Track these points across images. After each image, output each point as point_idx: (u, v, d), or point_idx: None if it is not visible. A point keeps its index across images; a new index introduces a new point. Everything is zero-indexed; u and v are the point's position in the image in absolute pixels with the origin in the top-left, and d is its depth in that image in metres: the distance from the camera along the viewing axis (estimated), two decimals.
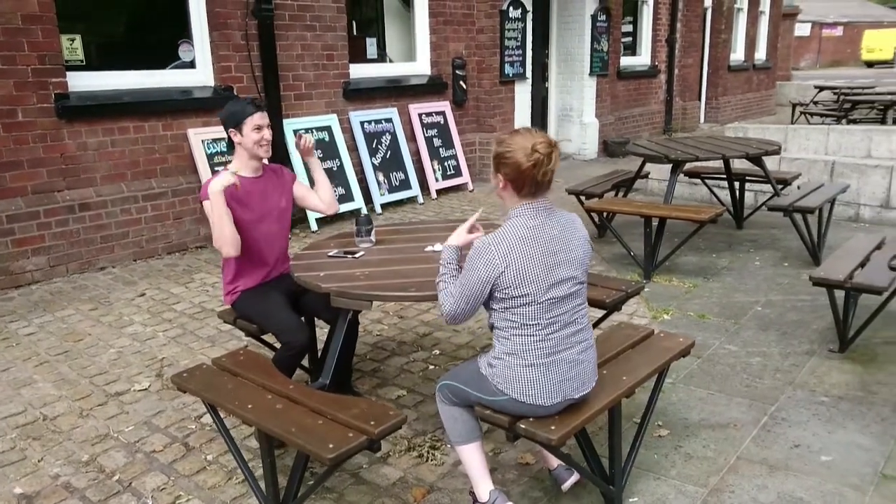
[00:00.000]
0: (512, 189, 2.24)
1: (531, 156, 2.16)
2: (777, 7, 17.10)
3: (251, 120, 3.04)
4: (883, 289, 3.30)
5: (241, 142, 3.09)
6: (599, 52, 10.53)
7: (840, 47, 40.96)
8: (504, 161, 2.22)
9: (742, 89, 15.89)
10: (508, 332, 2.22)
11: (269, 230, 3.20)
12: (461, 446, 2.46)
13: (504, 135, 2.28)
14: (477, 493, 2.45)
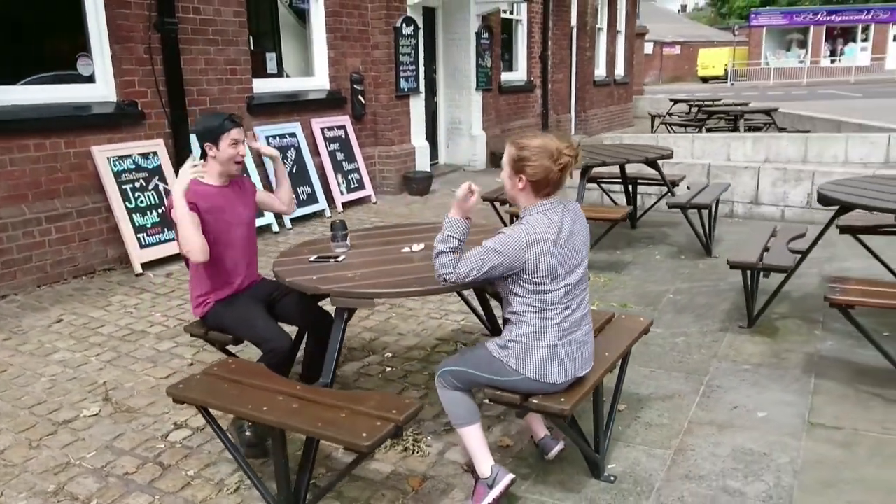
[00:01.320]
0: (531, 189, 2.44)
1: (559, 160, 2.39)
2: (631, 27, 18.59)
3: (229, 135, 3.04)
4: (789, 267, 3.83)
5: (216, 156, 3.09)
6: (484, 68, 11.03)
7: (679, 64, 44.85)
8: (529, 164, 2.40)
9: (605, 103, 17.10)
10: (528, 316, 2.42)
11: (238, 239, 3.21)
12: (464, 428, 2.62)
13: (521, 139, 2.46)
14: (479, 470, 2.62)
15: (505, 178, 2.54)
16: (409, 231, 3.54)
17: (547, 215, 2.42)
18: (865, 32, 39.01)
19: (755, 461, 2.90)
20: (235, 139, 3.05)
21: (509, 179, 2.51)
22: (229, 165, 3.10)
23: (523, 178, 2.44)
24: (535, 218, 2.43)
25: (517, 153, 2.45)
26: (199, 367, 4.09)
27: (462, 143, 11.08)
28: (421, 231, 3.50)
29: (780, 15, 40.85)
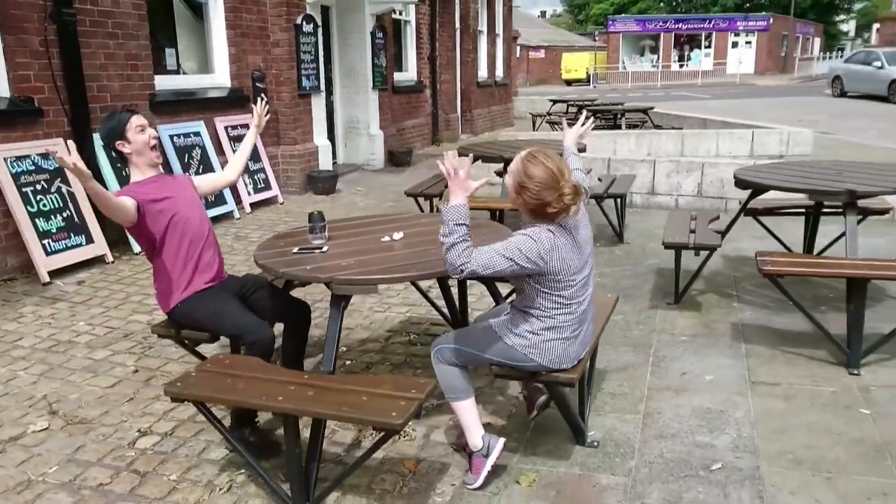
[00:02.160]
0: (531, 216, 2.50)
1: (558, 202, 2.40)
2: (508, 30, 19.26)
3: (131, 124, 3.04)
4: (717, 245, 4.23)
5: (132, 150, 3.06)
6: (380, 68, 11.08)
7: (544, 68, 46.78)
8: (529, 195, 2.42)
9: (488, 103, 17.62)
10: (552, 311, 2.55)
11: (197, 228, 3.14)
12: (459, 402, 2.73)
13: (529, 162, 2.44)
14: (472, 443, 2.74)
15: (510, 191, 2.53)
16: (377, 223, 3.59)
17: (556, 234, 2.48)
18: (708, 40, 42.57)
19: (715, 418, 3.21)
20: (140, 125, 3.06)
21: (514, 196, 2.50)
22: (147, 153, 3.08)
23: (522, 200, 2.48)
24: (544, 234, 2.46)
25: (521, 180, 2.44)
26: (144, 373, 3.91)
27: (360, 143, 11.07)
28: (389, 222, 3.55)
29: (635, 22, 43.76)
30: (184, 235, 3.10)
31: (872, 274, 3.40)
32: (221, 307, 3.04)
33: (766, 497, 2.62)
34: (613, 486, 2.74)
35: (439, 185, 6.60)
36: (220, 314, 3.03)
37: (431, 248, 2.99)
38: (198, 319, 3.08)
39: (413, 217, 3.62)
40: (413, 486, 2.79)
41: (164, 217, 3.03)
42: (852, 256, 3.69)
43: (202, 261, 3.14)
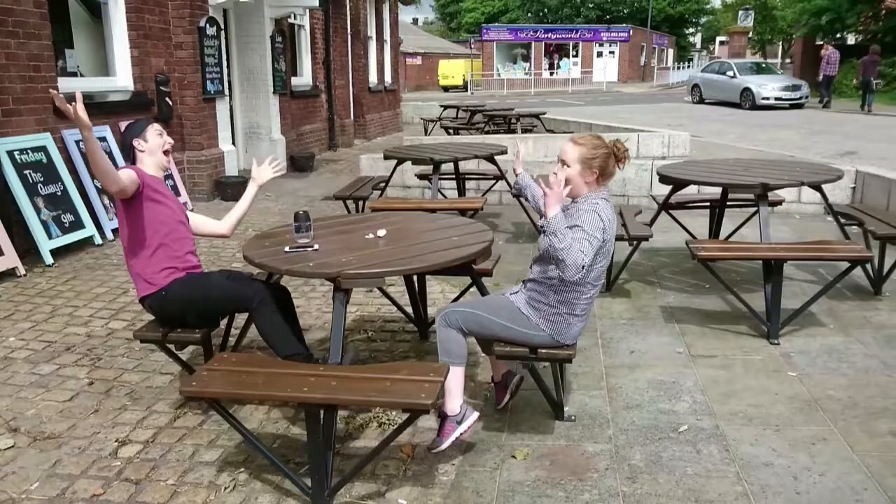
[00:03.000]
0: (599, 181, 2.88)
1: (619, 156, 2.87)
2: (395, 37, 19.50)
3: (153, 127, 3.30)
4: (649, 236, 4.66)
5: (145, 149, 3.25)
6: (279, 72, 10.97)
7: (421, 74, 47.41)
8: (598, 161, 2.83)
9: (378, 108, 17.76)
10: (576, 288, 2.81)
11: (182, 231, 3.35)
12: (453, 366, 2.91)
13: (585, 140, 2.88)
14: (450, 408, 2.94)
15: (574, 175, 2.84)
16: (352, 222, 3.69)
17: (608, 201, 2.87)
18: (576, 49, 44.89)
19: (669, 388, 3.58)
20: (159, 130, 3.32)
21: (582, 174, 2.84)
22: (160, 155, 3.30)
23: (595, 172, 2.85)
24: (604, 201, 2.86)
25: (589, 152, 2.83)
26: (101, 384, 3.79)
27: (262, 148, 10.89)
28: (360, 221, 3.67)
29: (507, 31, 45.39)
30: (173, 232, 3.25)
31: (789, 255, 3.92)
32: (212, 281, 3.22)
33: (731, 449, 2.99)
34: (599, 452, 3.02)
35: (364, 188, 6.71)
36: (213, 287, 3.19)
37: (416, 243, 3.15)
38: (189, 298, 3.17)
39: (382, 216, 3.75)
40: (416, 469, 2.93)
41: (160, 208, 3.21)
42: (766, 242, 4.21)
43: (190, 255, 3.35)
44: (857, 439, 3.05)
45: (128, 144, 3.31)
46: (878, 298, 4.73)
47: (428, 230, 3.37)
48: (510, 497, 2.74)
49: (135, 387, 3.76)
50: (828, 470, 2.83)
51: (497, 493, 2.76)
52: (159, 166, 3.35)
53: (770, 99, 21.26)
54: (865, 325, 4.31)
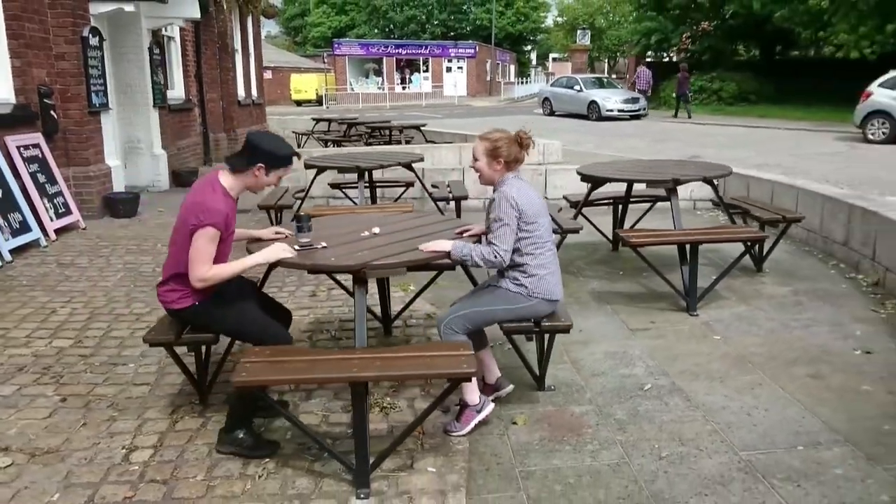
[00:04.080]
0: (505, 168, 3.22)
1: (522, 143, 3.22)
2: (259, 50, 19.25)
3: (285, 170, 3.12)
4: (580, 228, 5.21)
5: (257, 178, 3.06)
6: (158, 85, 10.62)
7: (272, 88, 46.35)
8: (502, 150, 3.19)
9: (248, 123, 17.45)
10: (536, 251, 3.18)
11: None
12: None
13: (488, 135, 3.25)
14: (469, 398, 3.24)
15: (482, 167, 3.25)
16: (344, 222, 3.89)
17: (517, 178, 3.25)
18: (426, 64, 46.11)
19: (623, 357, 4.11)
20: (282, 176, 3.15)
21: (488, 165, 3.24)
22: (256, 189, 3.17)
23: (500, 161, 3.21)
24: (511, 181, 3.22)
25: (488, 145, 3.22)
26: (76, 399, 3.70)
27: (143, 163, 10.48)
28: (352, 221, 3.88)
29: (359, 46, 45.71)
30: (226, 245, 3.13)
31: (704, 239, 4.61)
32: (249, 315, 3.15)
33: (692, 399, 3.55)
34: (586, 412, 3.46)
35: (287, 197, 6.80)
36: (248, 321, 3.13)
37: (413, 237, 3.42)
38: (223, 316, 3.14)
39: (364, 212, 3.98)
40: (432, 443, 3.21)
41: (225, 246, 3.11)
42: (680, 229, 4.89)
43: None
44: (783, 383, 3.71)
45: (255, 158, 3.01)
46: (762, 274, 5.59)
47: (414, 227, 3.66)
48: (525, 455, 3.10)
49: (114, 399, 3.71)
50: (770, 406, 3.45)
51: (513, 453, 3.11)
52: (242, 191, 3.16)
53: (614, 111, 23.25)
54: (758, 296, 5.12)
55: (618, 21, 59.02)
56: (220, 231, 2.97)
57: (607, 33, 57.44)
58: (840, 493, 2.76)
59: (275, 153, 3.02)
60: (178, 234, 3.07)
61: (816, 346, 4.19)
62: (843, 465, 2.95)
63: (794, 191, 6.60)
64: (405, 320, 4.72)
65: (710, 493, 2.78)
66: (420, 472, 2.98)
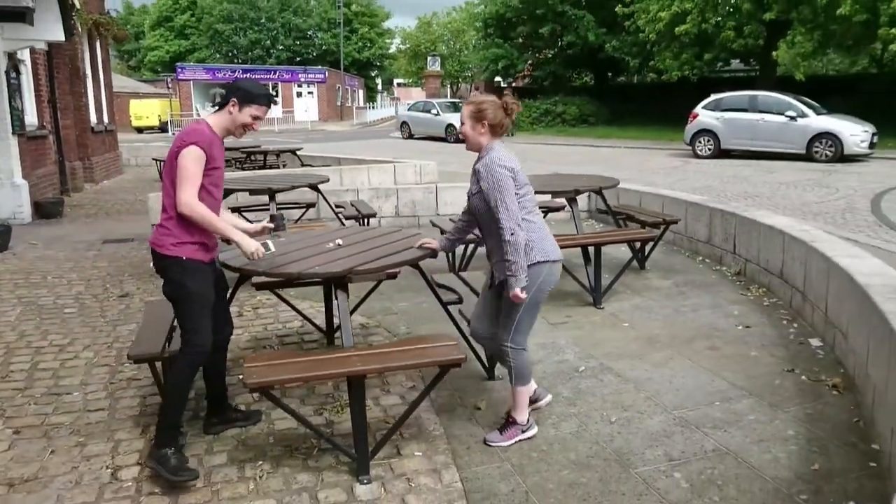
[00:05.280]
0: (490, 133, 3.18)
1: (508, 109, 3.16)
2: (108, 75, 18.31)
3: (258, 108, 3.12)
4: None
5: (232, 114, 3.10)
6: (17, 111, 9.98)
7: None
8: (487, 113, 3.13)
9: (101, 151, 16.55)
10: (530, 217, 3.17)
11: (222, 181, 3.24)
12: (526, 386, 3.37)
13: (475, 98, 3.25)
14: (520, 418, 3.37)
15: (467, 130, 3.19)
16: (309, 237, 4.08)
17: (502, 145, 3.23)
18: (276, 89, 45.48)
19: (552, 346, 4.61)
20: (258, 116, 3.13)
21: (471, 127, 3.17)
22: (236, 130, 3.15)
23: (484, 124, 3.16)
24: (497, 147, 3.17)
25: (474, 108, 3.16)
26: (32, 430, 3.63)
27: (3, 194, 9.78)
28: (317, 235, 4.09)
29: (204, 71, 44.28)
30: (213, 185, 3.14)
31: (607, 240, 5.28)
32: (208, 293, 3.15)
33: (622, 375, 4.11)
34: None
35: None
36: (203, 298, 3.12)
37: (376, 247, 3.70)
38: (185, 286, 3.09)
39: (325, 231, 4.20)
40: (410, 432, 3.49)
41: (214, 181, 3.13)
42: (582, 233, 5.52)
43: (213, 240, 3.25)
44: (689, 355, 4.38)
45: (229, 95, 3.09)
46: (646, 271, 6.38)
47: (371, 238, 3.95)
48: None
49: (73, 426, 3.67)
50: (686, 375, 4.08)
51: (486, 431, 3.48)
52: (224, 132, 3.16)
53: None
54: (648, 289, 5.87)
55: (458, 49, 61.66)
56: (203, 153, 3.01)
57: (449, 60, 59.73)
58: (757, 432, 3.39)
59: (248, 90, 3.12)
60: (168, 167, 3.10)
61: (706, 325, 4.94)
62: (754, 412, 3.61)
63: (661, 199, 7.54)
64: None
65: (660, 444, 3.31)
66: (409, 457, 3.27)
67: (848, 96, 21.09)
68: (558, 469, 3.14)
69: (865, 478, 2.99)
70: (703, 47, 21.78)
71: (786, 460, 3.14)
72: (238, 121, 3.12)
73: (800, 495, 2.88)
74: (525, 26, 28.91)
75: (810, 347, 4.46)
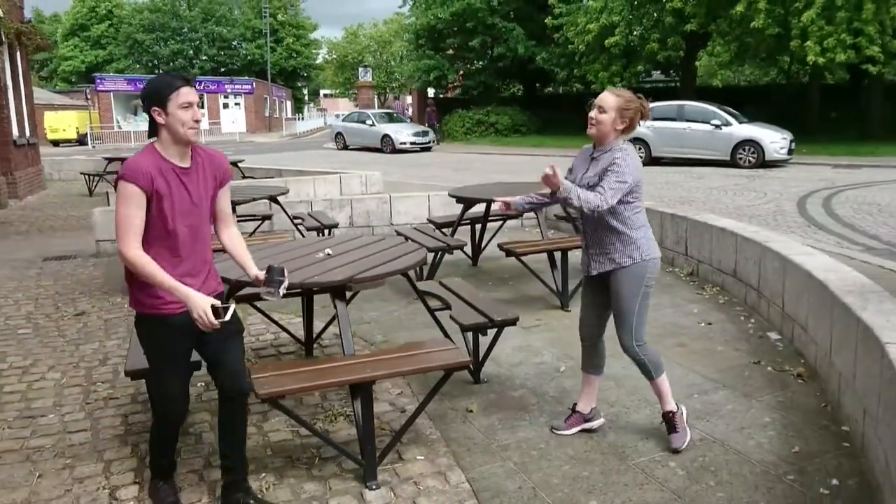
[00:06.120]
0: (622, 131, 3.21)
1: (644, 115, 3.24)
2: (29, 87, 17.51)
3: (178, 95, 2.57)
4: (465, 244, 5.77)
5: (166, 122, 2.58)
6: None
7: None
8: (631, 113, 3.16)
9: (24, 165, 15.81)
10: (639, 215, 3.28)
11: (182, 233, 2.69)
12: (662, 376, 3.41)
13: (623, 92, 3.23)
14: (670, 407, 3.39)
15: (607, 119, 3.17)
16: (287, 250, 4.07)
17: (629, 144, 3.31)
18: (201, 100, 44.40)
19: (529, 349, 4.74)
20: (188, 101, 2.59)
21: (611, 121, 3.17)
22: (184, 132, 2.59)
23: (626, 121, 3.19)
24: (628, 146, 3.23)
25: (622, 103, 3.17)
26: (13, 455, 3.51)
27: None
28: (299, 246, 4.09)
29: (125, 82, 42.78)
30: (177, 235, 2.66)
31: (569, 245, 5.45)
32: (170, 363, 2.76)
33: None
34: (523, 394, 4.03)
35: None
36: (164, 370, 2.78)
37: (368, 255, 3.77)
38: (145, 349, 2.81)
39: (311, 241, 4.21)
40: (407, 438, 3.53)
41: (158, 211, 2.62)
42: (548, 238, 5.69)
43: (192, 271, 2.73)
44: (661, 352, 4.46)
45: (147, 108, 2.61)
46: None
47: (359, 247, 4.00)
48: (493, 433, 3.58)
49: (56, 449, 3.56)
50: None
51: (482, 432, 3.58)
52: (179, 144, 2.63)
53: (406, 144, 24.52)
54: None
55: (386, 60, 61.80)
56: (141, 189, 2.55)
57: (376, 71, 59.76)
58: (737, 421, 3.61)
59: (156, 87, 2.61)
60: None
61: (670, 323, 5.19)
62: (730, 402, 3.83)
63: None
64: (320, 342, 4.95)
65: (651, 436, 3.48)
66: (412, 462, 3.33)
67: (760, 105, 22.39)
68: (559, 465, 3.26)
69: (842, 456, 3.23)
70: (630, 59, 22.64)
71: (768, 445, 3.36)
72: (174, 123, 2.57)
73: (786, 476, 3.09)
74: (456, 38, 29.28)
75: (770, 340, 4.75)
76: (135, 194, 2.55)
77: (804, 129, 20.37)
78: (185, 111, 2.58)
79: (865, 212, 9.86)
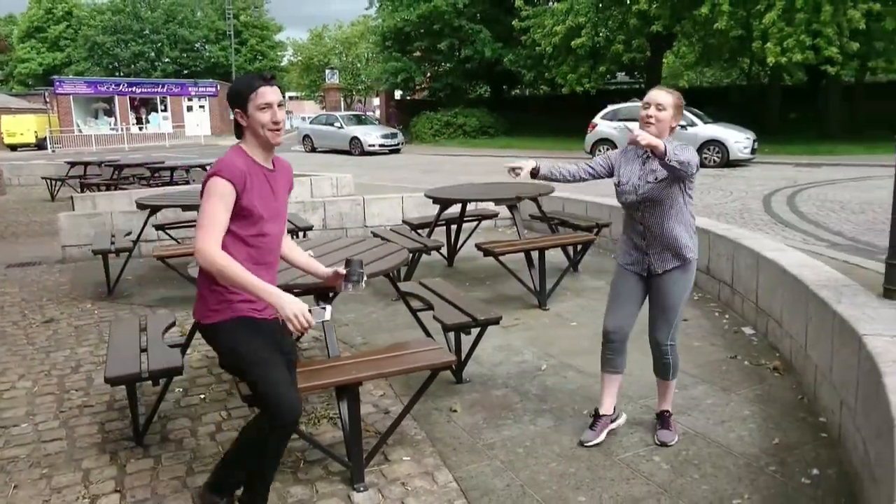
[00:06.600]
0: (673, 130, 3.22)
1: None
2: None
3: (256, 96, 2.51)
4: (442, 245, 5.77)
5: (248, 124, 2.56)
6: None
7: None
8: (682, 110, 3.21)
9: None
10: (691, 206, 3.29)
11: (272, 238, 2.68)
12: (675, 379, 3.49)
13: (675, 91, 3.24)
14: (668, 406, 3.50)
15: (666, 117, 3.16)
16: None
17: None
18: (164, 103, 43.68)
19: (509, 348, 4.76)
20: (267, 102, 2.52)
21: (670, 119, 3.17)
22: (265, 134, 2.55)
23: (678, 119, 3.22)
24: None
25: (677, 101, 3.19)
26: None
27: None
28: None
29: (85, 85, 41.86)
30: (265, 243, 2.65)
31: (550, 244, 5.49)
32: (271, 355, 2.62)
33: (581, 370, 4.31)
34: (506, 393, 4.04)
35: (123, 241, 6.46)
36: (264, 362, 2.59)
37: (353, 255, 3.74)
38: (238, 350, 2.61)
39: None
40: (392, 439, 3.52)
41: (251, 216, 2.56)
42: (525, 238, 5.72)
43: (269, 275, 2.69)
44: (639, 348, 4.52)
45: (231, 109, 2.59)
46: (579, 273, 6.67)
47: (340, 248, 3.98)
48: (478, 432, 3.59)
49: (31, 459, 3.47)
50: (640, 366, 4.28)
51: (467, 432, 3.58)
52: (263, 148, 2.60)
53: (375, 146, 24.43)
54: (586, 290, 6.15)
55: (351, 61, 61.49)
56: (233, 185, 2.48)
57: (342, 73, 59.37)
58: (717, 414, 3.67)
59: (237, 89, 2.58)
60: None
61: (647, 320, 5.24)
62: (710, 396, 3.90)
63: (584, 204, 7.90)
64: (299, 345, 4.90)
65: (634, 431, 3.52)
66: (398, 462, 3.32)
67: (721, 106, 22.79)
68: (546, 462, 3.27)
69: (821, 447, 3.31)
70: (597, 60, 22.90)
71: (748, 437, 3.42)
72: (254, 125, 2.54)
73: (768, 467, 3.15)
74: (423, 40, 29.27)
75: (745, 335, 4.84)
76: (227, 192, 2.48)
77: (765, 129, 20.82)
78: (264, 112, 2.53)
79: (828, 209, 10.11)
